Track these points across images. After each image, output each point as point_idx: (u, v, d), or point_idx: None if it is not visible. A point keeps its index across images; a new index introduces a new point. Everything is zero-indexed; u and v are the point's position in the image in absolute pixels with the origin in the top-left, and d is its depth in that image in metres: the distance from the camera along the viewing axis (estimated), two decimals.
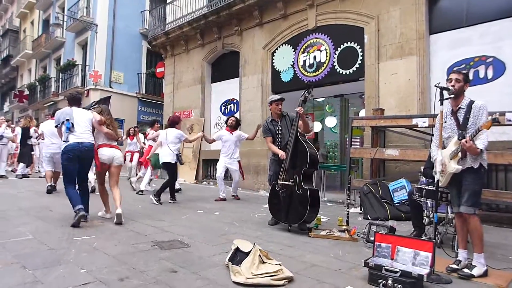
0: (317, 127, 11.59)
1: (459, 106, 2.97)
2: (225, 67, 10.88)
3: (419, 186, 3.75)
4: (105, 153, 4.46)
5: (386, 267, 2.53)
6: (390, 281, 2.44)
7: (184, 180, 10.57)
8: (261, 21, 9.25)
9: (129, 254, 3.09)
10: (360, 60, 7.32)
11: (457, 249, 3.12)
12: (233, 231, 4.18)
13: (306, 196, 3.99)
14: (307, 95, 4.46)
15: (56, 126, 4.41)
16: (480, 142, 2.75)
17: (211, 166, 10.85)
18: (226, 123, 7.09)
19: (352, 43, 7.50)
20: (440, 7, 6.41)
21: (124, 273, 2.61)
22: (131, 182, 8.15)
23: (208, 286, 2.43)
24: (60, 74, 18.66)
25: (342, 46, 7.70)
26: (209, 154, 10.67)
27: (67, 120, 4.26)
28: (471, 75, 5.78)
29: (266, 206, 4.70)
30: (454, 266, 2.86)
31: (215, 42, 10.70)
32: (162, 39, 12.16)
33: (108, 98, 12.17)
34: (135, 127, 10.68)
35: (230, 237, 3.68)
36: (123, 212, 4.37)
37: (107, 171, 4.61)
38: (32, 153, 10.26)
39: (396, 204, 5.32)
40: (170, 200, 6.28)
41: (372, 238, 3.25)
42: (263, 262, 2.68)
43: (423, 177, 3.89)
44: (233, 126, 6.83)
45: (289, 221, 4.19)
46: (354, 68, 7.46)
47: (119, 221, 4.26)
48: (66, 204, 4.32)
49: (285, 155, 4.28)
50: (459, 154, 2.85)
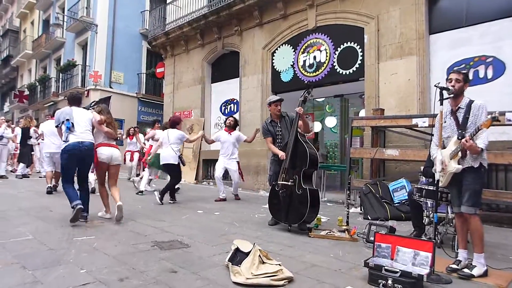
0: (317, 127, 11.59)
1: (459, 106, 2.97)
2: (225, 67, 10.88)
3: (419, 186, 3.75)
4: (104, 152, 4.48)
5: (386, 267, 2.53)
6: (390, 281, 2.44)
7: (184, 180, 10.52)
8: (261, 21, 9.25)
9: (129, 254, 3.09)
10: (360, 60, 7.32)
11: (457, 249, 3.12)
12: (233, 231, 4.18)
13: (306, 196, 3.99)
14: (307, 95, 4.47)
15: (56, 126, 4.44)
16: (481, 141, 2.75)
17: (211, 167, 10.85)
18: (225, 123, 7.11)
19: (352, 43, 7.50)
20: (440, 7, 6.41)
21: (124, 273, 2.61)
22: (134, 181, 8.15)
23: (208, 286, 2.43)
24: (60, 74, 18.67)
25: (342, 46, 7.70)
26: (209, 154, 10.67)
27: (67, 120, 4.28)
28: (471, 75, 5.78)
29: (266, 206, 4.70)
30: (454, 266, 2.86)
31: (215, 42, 10.70)
32: (162, 39, 12.16)
33: (108, 98, 12.20)
34: (135, 127, 10.70)
35: (230, 237, 3.68)
36: (123, 207, 4.42)
37: (107, 170, 4.62)
38: (32, 153, 10.27)
39: (396, 204, 5.32)
40: (170, 201, 6.29)
41: (372, 238, 3.25)
42: (263, 262, 2.67)
43: (423, 177, 3.89)
44: (231, 126, 6.84)
45: (289, 221, 4.20)
46: (354, 68, 7.46)
47: (120, 214, 4.33)
48: (66, 204, 4.33)
49: (285, 155, 4.28)
50: (459, 154, 2.85)
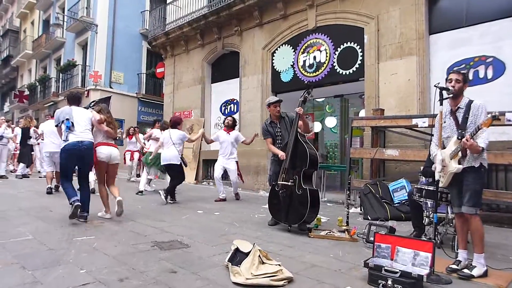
0: (317, 127, 11.58)
1: (458, 106, 2.97)
2: (225, 67, 10.88)
3: (419, 186, 3.75)
4: (103, 151, 4.52)
5: (386, 268, 2.53)
6: (389, 282, 2.44)
7: (184, 180, 10.55)
8: (261, 21, 9.25)
9: (129, 254, 3.09)
10: (360, 60, 7.31)
11: (457, 250, 3.11)
12: (233, 231, 4.18)
13: (306, 197, 3.99)
14: (306, 96, 4.46)
15: (56, 125, 4.46)
16: (481, 141, 2.75)
17: (211, 167, 10.84)
18: (223, 123, 7.13)
19: (352, 43, 7.50)
20: (440, 7, 6.41)
21: (124, 273, 2.61)
22: (136, 181, 8.17)
23: (207, 287, 2.43)
24: (60, 75, 18.68)
25: (342, 46, 7.70)
26: (209, 155, 10.67)
27: (66, 119, 4.29)
28: (471, 75, 5.79)
29: (266, 206, 4.70)
30: (454, 267, 2.86)
31: (215, 43, 10.70)
32: (162, 39, 12.16)
33: (108, 99, 12.17)
34: (135, 127, 10.70)
35: (230, 238, 3.68)
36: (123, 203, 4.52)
37: (106, 170, 4.65)
38: (32, 153, 10.27)
39: (396, 205, 5.32)
40: (170, 201, 6.29)
41: (372, 239, 3.24)
42: (263, 263, 2.67)
43: (423, 177, 3.89)
44: (229, 126, 6.86)
45: (289, 222, 4.19)
46: (354, 68, 7.46)
47: (120, 208, 4.43)
48: (66, 204, 4.33)
49: (284, 155, 4.28)
50: (459, 154, 2.85)
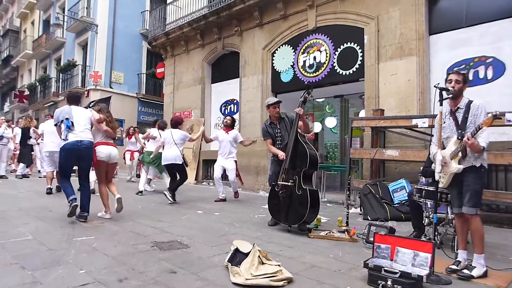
0: (317, 127, 11.59)
1: (458, 106, 2.97)
2: (225, 67, 10.88)
3: (418, 187, 3.74)
4: (103, 150, 4.54)
5: (385, 268, 2.53)
6: (389, 282, 2.44)
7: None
8: (261, 21, 9.25)
9: (128, 254, 3.09)
10: (360, 60, 7.31)
11: (456, 250, 3.12)
12: (232, 231, 4.18)
13: (306, 197, 3.99)
14: (306, 96, 4.46)
15: (55, 125, 4.46)
16: (482, 140, 2.75)
17: (211, 167, 10.84)
18: (222, 123, 7.15)
19: (352, 43, 7.50)
20: (439, 8, 6.41)
21: (124, 273, 2.61)
22: (136, 181, 8.18)
23: (207, 287, 2.43)
24: (60, 75, 18.68)
25: (342, 47, 7.70)
26: (209, 155, 10.67)
27: (66, 118, 4.29)
28: (471, 76, 5.79)
29: (266, 206, 4.70)
30: (454, 267, 2.86)
31: (215, 43, 10.70)
32: (162, 39, 12.16)
33: (109, 99, 12.16)
34: (135, 126, 10.69)
35: (230, 238, 3.68)
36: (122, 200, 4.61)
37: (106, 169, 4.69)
38: (32, 153, 10.27)
39: (396, 205, 5.32)
40: (169, 201, 6.27)
41: (371, 239, 3.23)
42: (263, 263, 2.67)
43: (423, 177, 3.89)
44: (228, 125, 6.86)
45: (289, 222, 4.19)
46: (354, 69, 7.46)
47: (120, 205, 4.52)
48: (66, 205, 4.32)
49: (284, 156, 4.28)
50: (460, 154, 2.85)
